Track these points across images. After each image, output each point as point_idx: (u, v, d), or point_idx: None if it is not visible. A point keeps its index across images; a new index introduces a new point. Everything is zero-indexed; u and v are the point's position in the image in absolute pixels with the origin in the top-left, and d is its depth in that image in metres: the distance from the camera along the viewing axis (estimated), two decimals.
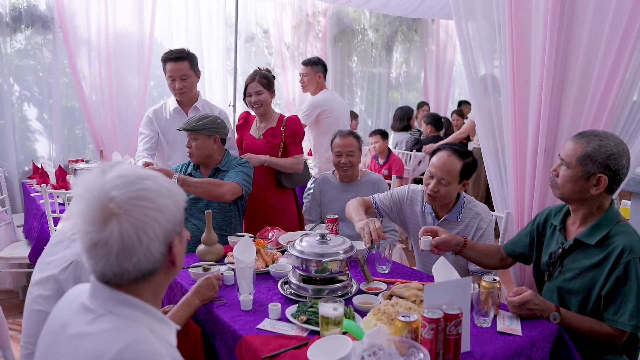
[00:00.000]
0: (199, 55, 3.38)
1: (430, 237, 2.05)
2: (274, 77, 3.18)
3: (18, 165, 4.55)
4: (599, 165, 1.72)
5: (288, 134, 3.11)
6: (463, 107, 6.95)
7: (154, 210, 1.00)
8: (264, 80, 3.08)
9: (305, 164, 3.31)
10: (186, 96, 3.10)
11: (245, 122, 3.30)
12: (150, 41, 4.79)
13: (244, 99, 3.18)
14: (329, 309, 1.53)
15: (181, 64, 3.00)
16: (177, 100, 3.15)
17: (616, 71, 2.07)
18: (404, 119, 5.89)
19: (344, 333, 1.55)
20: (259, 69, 3.19)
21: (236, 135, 3.35)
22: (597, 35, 2.10)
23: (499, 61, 2.41)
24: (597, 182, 1.74)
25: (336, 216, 2.46)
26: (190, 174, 2.74)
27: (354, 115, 5.95)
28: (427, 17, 6.82)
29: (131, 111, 4.76)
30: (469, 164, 2.30)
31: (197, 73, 3.13)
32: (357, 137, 3.01)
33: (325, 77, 4.06)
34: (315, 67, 3.99)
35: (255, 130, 3.21)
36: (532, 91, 2.28)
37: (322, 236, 1.90)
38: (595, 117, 2.16)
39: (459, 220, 2.33)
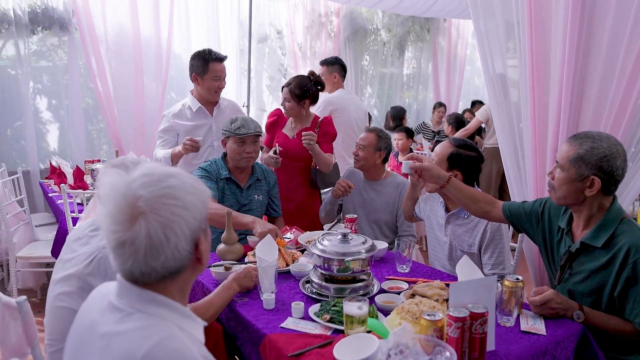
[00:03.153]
0: None
1: (412, 162, 2.12)
2: (310, 89, 3.11)
3: (35, 165, 4.60)
4: (591, 167, 1.71)
5: (320, 134, 3.12)
6: (475, 108, 6.95)
7: (180, 208, 0.99)
8: (295, 91, 3.06)
9: (336, 166, 3.27)
10: (220, 94, 3.23)
11: (279, 119, 3.27)
12: (169, 43, 4.77)
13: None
14: (354, 307, 1.53)
15: (224, 65, 3.16)
16: (203, 99, 3.20)
17: (638, 69, 2.05)
18: (396, 118, 5.98)
19: (369, 332, 1.55)
20: (301, 76, 3.18)
21: (266, 135, 3.32)
22: (618, 32, 2.07)
23: (518, 60, 2.40)
24: (590, 184, 1.73)
25: (355, 216, 2.46)
26: (228, 179, 2.71)
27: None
28: (440, 16, 6.81)
29: (149, 114, 4.77)
30: (462, 156, 2.32)
31: None
32: (381, 137, 2.90)
33: (343, 76, 4.04)
34: (331, 67, 3.98)
35: (290, 129, 3.21)
36: (552, 90, 2.26)
37: (344, 235, 1.91)
38: (616, 116, 2.13)
39: (465, 217, 2.34)
